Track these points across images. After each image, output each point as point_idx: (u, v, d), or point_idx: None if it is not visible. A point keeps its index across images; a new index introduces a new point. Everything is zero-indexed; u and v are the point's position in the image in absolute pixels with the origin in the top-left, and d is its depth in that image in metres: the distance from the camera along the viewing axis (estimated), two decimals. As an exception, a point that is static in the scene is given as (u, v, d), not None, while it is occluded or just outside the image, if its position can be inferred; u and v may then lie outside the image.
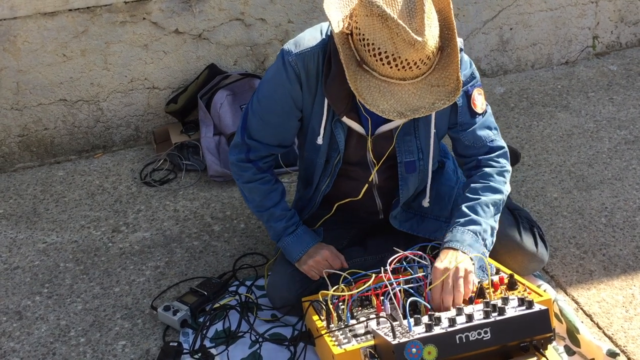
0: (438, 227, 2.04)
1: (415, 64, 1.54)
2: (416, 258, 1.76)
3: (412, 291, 1.67)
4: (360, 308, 1.74)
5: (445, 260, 1.68)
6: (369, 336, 1.59)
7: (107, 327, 2.01)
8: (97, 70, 2.85)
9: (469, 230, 1.75)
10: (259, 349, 1.86)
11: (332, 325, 1.66)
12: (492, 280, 1.74)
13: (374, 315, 1.66)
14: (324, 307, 1.70)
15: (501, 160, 1.91)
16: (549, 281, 2.05)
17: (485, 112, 1.96)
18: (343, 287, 1.73)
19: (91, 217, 2.58)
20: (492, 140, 1.92)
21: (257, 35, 3.02)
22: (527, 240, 1.97)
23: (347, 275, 1.78)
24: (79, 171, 2.90)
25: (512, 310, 1.48)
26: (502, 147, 1.93)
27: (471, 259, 1.70)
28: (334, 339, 1.61)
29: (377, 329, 1.54)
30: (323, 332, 1.64)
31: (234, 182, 2.64)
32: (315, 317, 1.73)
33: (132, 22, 2.80)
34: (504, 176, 1.88)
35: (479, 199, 1.81)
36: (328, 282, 1.80)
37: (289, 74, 1.77)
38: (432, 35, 1.53)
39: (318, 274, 1.90)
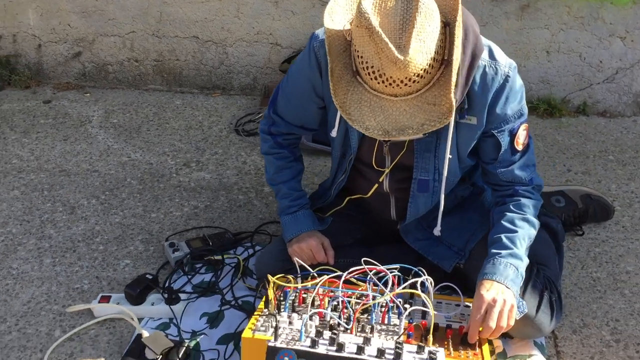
0: (447, 256, 1.89)
1: (402, 82, 1.41)
2: (373, 277, 1.65)
3: (349, 306, 1.58)
4: (305, 305, 1.69)
5: (492, 291, 1.59)
6: (287, 332, 1.56)
7: (124, 244, 2.22)
8: (229, 17, 3.03)
9: (511, 264, 1.65)
10: (225, 310, 1.92)
11: (265, 310, 1.65)
12: (447, 325, 1.59)
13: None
14: (269, 290, 1.69)
15: (536, 194, 1.80)
16: (550, 356, 1.78)
17: (527, 148, 1.76)
18: (291, 278, 1.70)
19: (176, 147, 2.80)
20: (531, 179, 1.80)
21: (386, 15, 2.94)
22: (529, 301, 1.73)
23: (310, 269, 1.73)
24: (192, 104, 3.15)
25: (409, 356, 1.34)
26: (540, 183, 1.81)
27: (514, 296, 1.60)
28: (257, 322, 1.60)
29: (284, 326, 1.50)
30: (255, 313, 1.64)
31: (308, 152, 2.68)
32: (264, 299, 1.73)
33: (267, -23, 2.92)
34: (537, 210, 1.78)
35: (517, 231, 1.71)
36: (298, 269, 1.77)
37: (311, 60, 1.73)
38: (421, 52, 1.37)
39: (299, 259, 1.87)
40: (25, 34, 3.27)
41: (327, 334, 1.43)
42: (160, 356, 1.71)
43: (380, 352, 1.35)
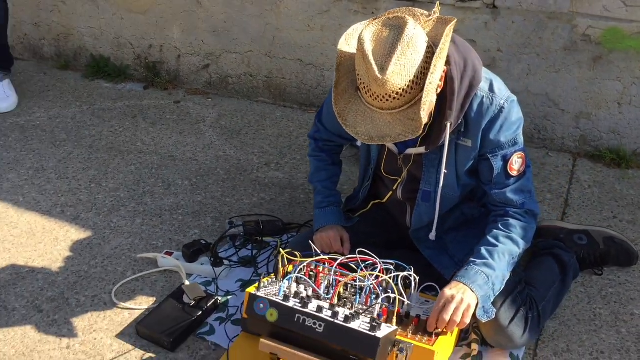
0: (449, 266, 2.14)
1: (384, 97, 1.72)
2: (363, 267, 1.96)
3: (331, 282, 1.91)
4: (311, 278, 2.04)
5: (454, 289, 1.85)
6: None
7: (199, 218, 2.71)
8: (328, 45, 3.48)
9: (482, 272, 1.88)
10: (256, 280, 2.32)
11: (272, 277, 2.02)
12: (417, 315, 1.86)
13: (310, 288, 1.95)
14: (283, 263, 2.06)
15: (528, 218, 1.99)
16: (520, 367, 1.96)
17: (522, 174, 1.97)
18: (298, 254, 2.04)
19: (263, 149, 3.28)
20: (523, 203, 1.98)
21: (467, 55, 3.21)
22: (505, 312, 1.93)
23: (320, 253, 2.07)
24: (289, 117, 3.63)
25: (357, 323, 1.65)
26: (533, 210, 2.00)
27: (477, 299, 1.84)
28: (263, 284, 1.98)
29: (281, 288, 1.86)
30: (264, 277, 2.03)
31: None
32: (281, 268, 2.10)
33: (363, 13, 3.32)
34: (526, 232, 1.97)
35: (498, 245, 1.92)
36: (313, 251, 2.12)
37: None
38: (399, 74, 1.68)
39: (318, 246, 2.23)
40: (169, 45, 3.97)
41: (303, 297, 1.77)
42: (194, 302, 2.15)
43: (335, 314, 1.67)
